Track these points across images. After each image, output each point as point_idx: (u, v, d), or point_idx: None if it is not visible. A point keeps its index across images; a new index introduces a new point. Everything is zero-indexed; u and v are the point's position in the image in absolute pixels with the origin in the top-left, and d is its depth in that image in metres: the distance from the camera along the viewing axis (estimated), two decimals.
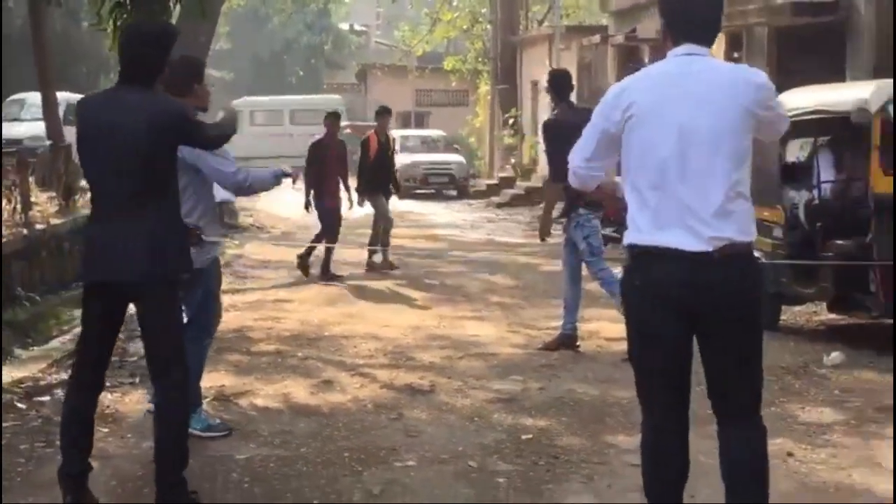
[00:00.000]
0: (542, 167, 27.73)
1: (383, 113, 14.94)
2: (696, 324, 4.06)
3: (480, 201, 27.82)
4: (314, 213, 13.66)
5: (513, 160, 29.59)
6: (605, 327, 9.56)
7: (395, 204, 26.30)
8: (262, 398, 7.39)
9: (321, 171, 13.50)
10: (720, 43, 17.37)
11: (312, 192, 13.56)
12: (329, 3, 42.92)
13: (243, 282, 13.29)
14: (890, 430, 6.49)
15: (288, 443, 6.33)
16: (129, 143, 4.88)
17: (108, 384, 7.68)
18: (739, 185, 4.04)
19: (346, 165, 14.06)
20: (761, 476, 4.15)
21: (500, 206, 26.16)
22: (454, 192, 29.67)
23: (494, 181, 29.92)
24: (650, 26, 20.00)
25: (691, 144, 3.99)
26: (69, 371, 8.11)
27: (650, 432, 4.23)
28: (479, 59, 35.71)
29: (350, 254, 15.62)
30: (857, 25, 13.51)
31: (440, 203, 27.38)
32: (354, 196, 14.05)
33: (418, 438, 6.42)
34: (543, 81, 28.28)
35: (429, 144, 31.18)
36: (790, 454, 5.97)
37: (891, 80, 9.80)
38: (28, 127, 25.21)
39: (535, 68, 28.93)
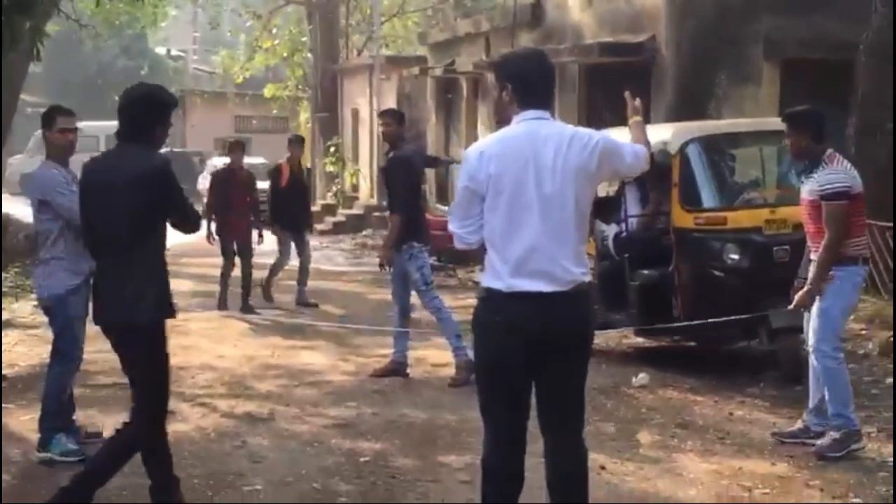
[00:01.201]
0: (365, 195, 28.27)
1: (296, 141, 14.38)
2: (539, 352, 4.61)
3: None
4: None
5: (335, 188, 30.02)
6: (433, 354, 10.11)
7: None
8: (107, 430, 7.63)
9: (224, 200, 13.23)
10: None
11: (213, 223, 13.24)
12: (145, 28, 42.52)
13: None
14: (689, 444, 7.24)
15: (139, 471, 6.62)
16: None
17: None
18: (584, 233, 4.70)
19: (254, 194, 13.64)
20: (586, 486, 4.75)
21: (323, 233, 26.51)
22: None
23: (317, 208, 30.28)
24: (467, 60, 20.80)
25: (546, 202, 4.53)
26: None
27: (494, 449, 4.71)
28: (300, 87, 36.05)
29: (179, 284, 15.80)
30: (660, 67, 14.48)
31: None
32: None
33: (262, 463, 6.83)
34: (364, 111, 28.76)
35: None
36: (602, 467, 6.62)
37: (689, 124, 10.75)
38: None
39: (356, 97, 29.49)
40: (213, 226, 13.21)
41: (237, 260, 13.32)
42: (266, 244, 13.89)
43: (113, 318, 5.57)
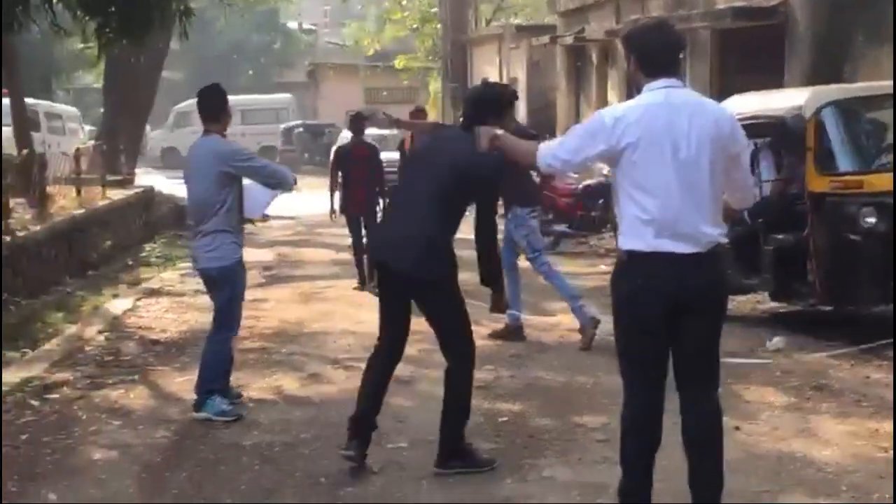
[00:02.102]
0: None
1: (418, 114, 13.76)
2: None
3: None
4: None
5: None
6: (565, 319, 10.26)
7: None
8: (256, 391, 8.04)
9: (346, 175, 13.05)
10: None
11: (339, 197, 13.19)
12: (278, 3, 43.25)
13: None
14: (825, 406, 7.30)
15: (287, 430, 7.00)
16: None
17: (110, 381, 8.40)
18: (719, 197, 4.86)
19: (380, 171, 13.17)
20: (721, 443, 4.92)
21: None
22: None
23: None
24: (598, 27, 20.77)
25: (683, 167, 4.71)
26: (72, 370, 8.79)
27: (634, 408, 4.90)
28: (430, 58, 36.37)
29: (316, 254, 16.29)
30: (794, 30, 14.31)
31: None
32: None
33: (405, 423, 7.11)
34: (494, 79, 28.98)
35: (380, 143, 31.72)
36: (737, 428, 6.73)
37: (824, 88, 10.64)
38: None
39: (486, 66, 29.66)
40: (336, 202, 13.29)
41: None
42: None
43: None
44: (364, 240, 12.54)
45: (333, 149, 14.07)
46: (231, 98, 7.91)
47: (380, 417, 7.18)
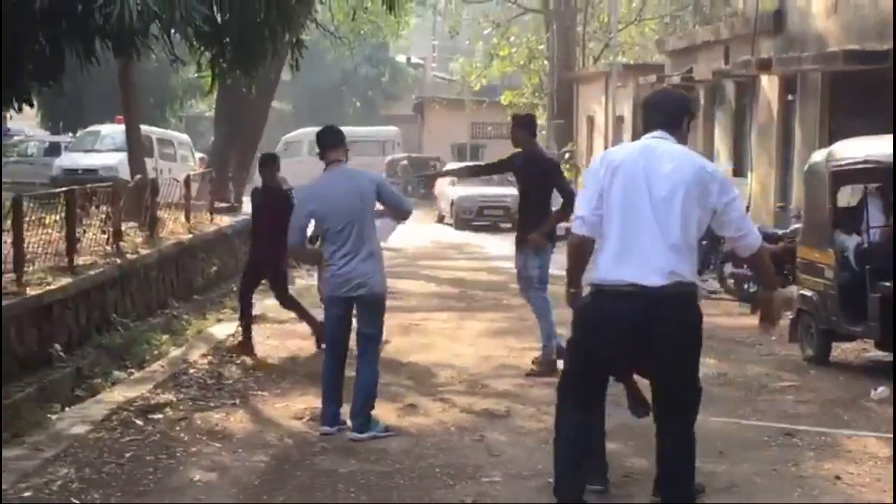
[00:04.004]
0: None
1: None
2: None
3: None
4: None
5: None
6: None
7: (452, 236, 27.02)
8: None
9: None
10: (774, 86, 18.01)
11: None
12: (387, 37, 43.80)
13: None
14: None
15: (384, 459, 7.07)
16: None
17: (211, 404, 8.56)
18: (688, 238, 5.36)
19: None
20: (692, 465, 5.54)
21: (556, 238, 26.68)
22: (509, 225, 30.25)
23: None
24: (705, 68, 20.65)
25: (657, 206, 5.30)
26: (175, 392, 8.99)
27: (576, 423, 5.60)
28: (536, 94, 36.48)
29: (416, 286, 16.38)
30: None
31: (496, 235, 27.99)
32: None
33: (500, 457, 7.13)
34: (599, 118, 28.91)
35: (484, 177, 31.81)
36: (838, 477, 6.62)
37: None
38: (103, 157, 26.34)
39: (591, 104, 29.65)
40: None
41: None
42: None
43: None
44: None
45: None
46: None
47: (474, 451, 7.27)
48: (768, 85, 18.30)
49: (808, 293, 10.31)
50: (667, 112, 5.67)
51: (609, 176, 5.39)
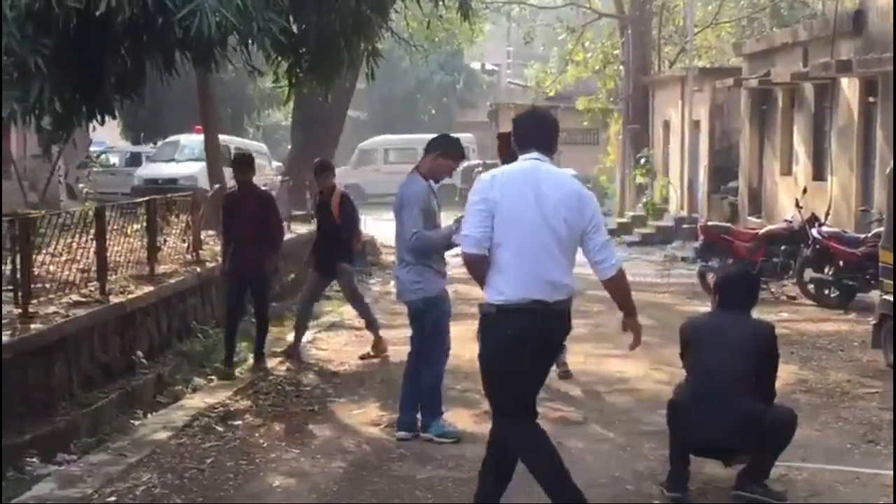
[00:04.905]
0: (675, 207, 28.21)
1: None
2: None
3: (611, 239, 28.24)
4: None
5: (644, 199, 30.05)
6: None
7: None
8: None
9: None
10: (854, 88, 17.74)
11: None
12: (461, 44, 43.90)
13: (394, 318, 14.11)
14: None
15: (461, 466, 7.09)
16: None
17: (290, 411, 8.67)
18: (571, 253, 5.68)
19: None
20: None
21: (631, 244, 26.62)
22: None
23: (626, 220, 30.43)
24: (784, 70, 20.40)
25: (542, 225, 5.55)
26: (255, 398, 9.10)
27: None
28: (611, 99, 36.28)
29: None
30: None
31: None
32: None
33: (577, 465, 7.05)
34: (675, 122, 28.76)
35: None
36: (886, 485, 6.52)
37: None
38: (182, 167, 26.75)
39: (667, 109, 29.43)
40: None
41: None
42: None
43: None
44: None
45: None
46: (413, 137, 8.22)
47: None
48: (848, 87, 18.03)
49: (891, 298, 10.14)
50: (543, 134, 5.86)
51: (499, 196, 5.58)
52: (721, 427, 6.15)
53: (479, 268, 5.71)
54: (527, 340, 5.53)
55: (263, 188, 12.10)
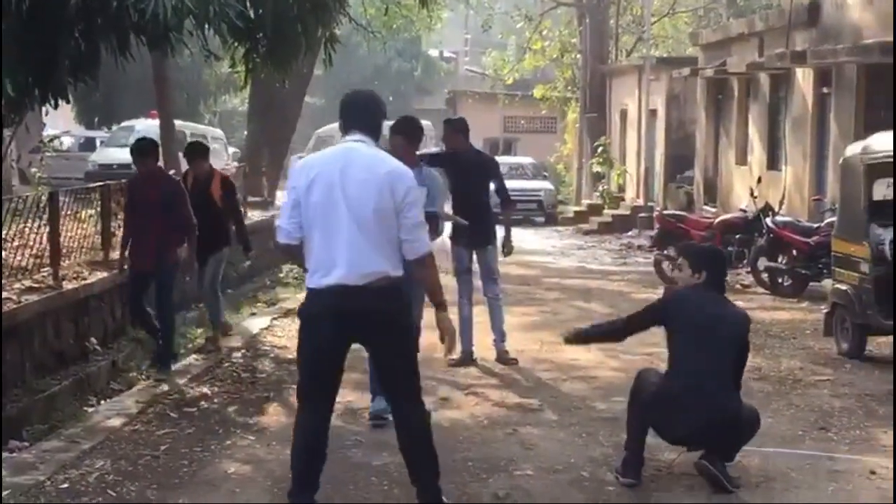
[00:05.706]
0: (632, 196, 28.35)
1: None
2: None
3: (568, 228, 28.41)
4: None
5: (601, 188, 30.17)
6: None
7: None
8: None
9: None
10: (809, 79, 17.89)
11: None
12: (419, 31, 43.82)
13: None
14: None
15: None
16: None
17: (245, 398, 8.63)
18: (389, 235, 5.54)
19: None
20: (430, 443, 5.75)
21: (587, 233, 26.73)
22: (542, 219, 30.28)
23: (582, 208, 30.55)
24: (739, 60, 20.54)
25: (352, 208, 5.46)
26: (210, 385, 9.05)
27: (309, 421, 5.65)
28: (569, 88, 36.38)
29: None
30: None
31: (528, 229, 28.02)
32: None
33: (533, 451, 7.14)
34: (632, 111, 28.92)
35: (517, 171, 31.82)
36: (873, 472, 6.60)
37: None
38: None
39: (625, 98, 29.56)
40: None
41: None
42: None
43: None
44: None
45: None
46: None
47: (508, 444, 7.29)
48: (803, 78, 18.18)
49: (843, 287, 10.25)
50: (369, 115, 5.77)
51: (306, 184, 5.53)
52: (712, 421, 6.18)
53: (293, 256, 5.86)
54: (324, 325, 5.48)
55: (172, 174, 11.79)
